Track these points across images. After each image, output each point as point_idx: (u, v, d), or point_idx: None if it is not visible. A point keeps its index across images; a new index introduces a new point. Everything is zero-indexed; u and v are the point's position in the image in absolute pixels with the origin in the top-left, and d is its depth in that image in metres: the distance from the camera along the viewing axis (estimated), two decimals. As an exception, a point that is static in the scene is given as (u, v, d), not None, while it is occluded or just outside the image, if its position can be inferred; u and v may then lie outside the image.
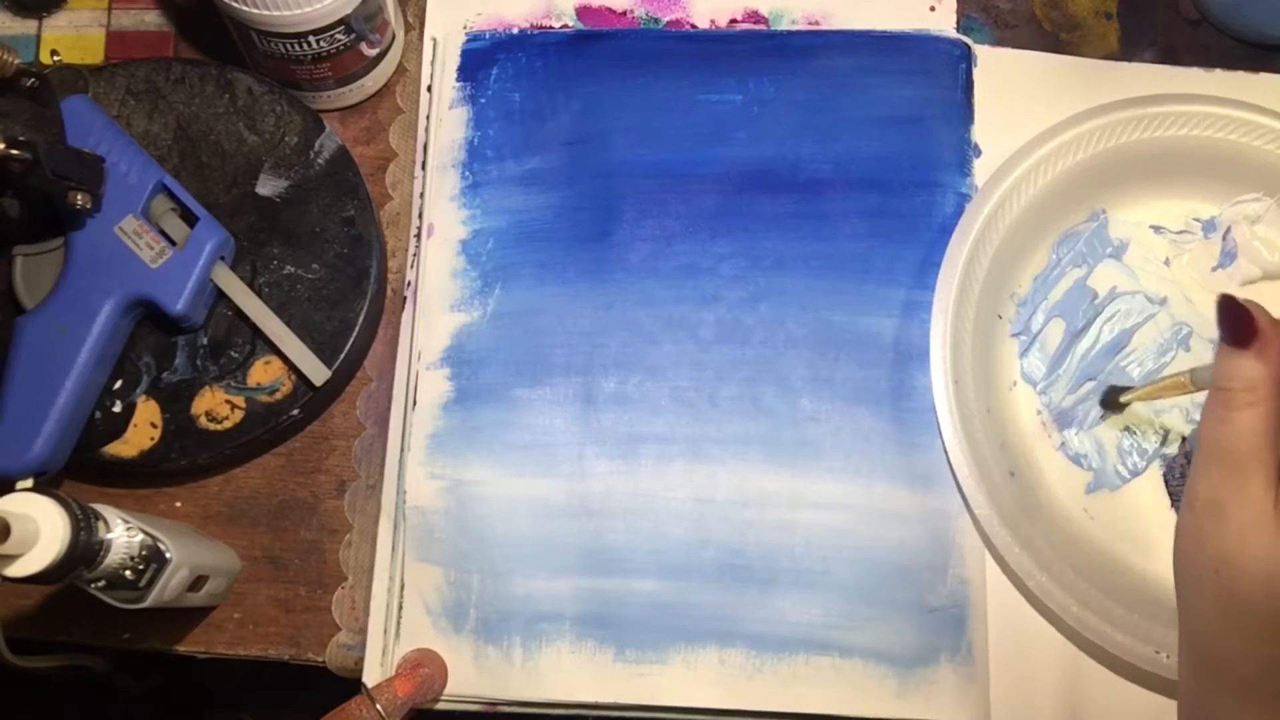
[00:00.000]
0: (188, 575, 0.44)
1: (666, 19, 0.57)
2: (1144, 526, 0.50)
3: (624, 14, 0.58)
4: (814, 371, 0.51)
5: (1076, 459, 0.51)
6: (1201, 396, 0.46)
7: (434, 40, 0.57)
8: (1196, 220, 0.53)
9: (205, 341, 0.51)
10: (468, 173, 0.54)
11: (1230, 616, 0.33)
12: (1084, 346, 0.52)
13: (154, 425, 0.50)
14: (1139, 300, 0.52)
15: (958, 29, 0.56)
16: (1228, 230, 0.52)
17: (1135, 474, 0.50)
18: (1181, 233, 0.53)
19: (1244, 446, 0.33)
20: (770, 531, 0.49)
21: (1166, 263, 0.53)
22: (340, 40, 0.51)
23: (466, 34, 0.57)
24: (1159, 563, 0.49)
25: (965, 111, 0.54)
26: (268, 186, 0.52)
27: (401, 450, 0.51)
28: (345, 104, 0.56)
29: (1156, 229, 0.53)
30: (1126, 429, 0.51)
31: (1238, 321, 0.34)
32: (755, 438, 0.51)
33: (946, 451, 0.49)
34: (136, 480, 0.52)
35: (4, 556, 0.37)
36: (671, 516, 0.50)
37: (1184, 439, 0.51)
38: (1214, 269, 0.53)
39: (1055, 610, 0.46)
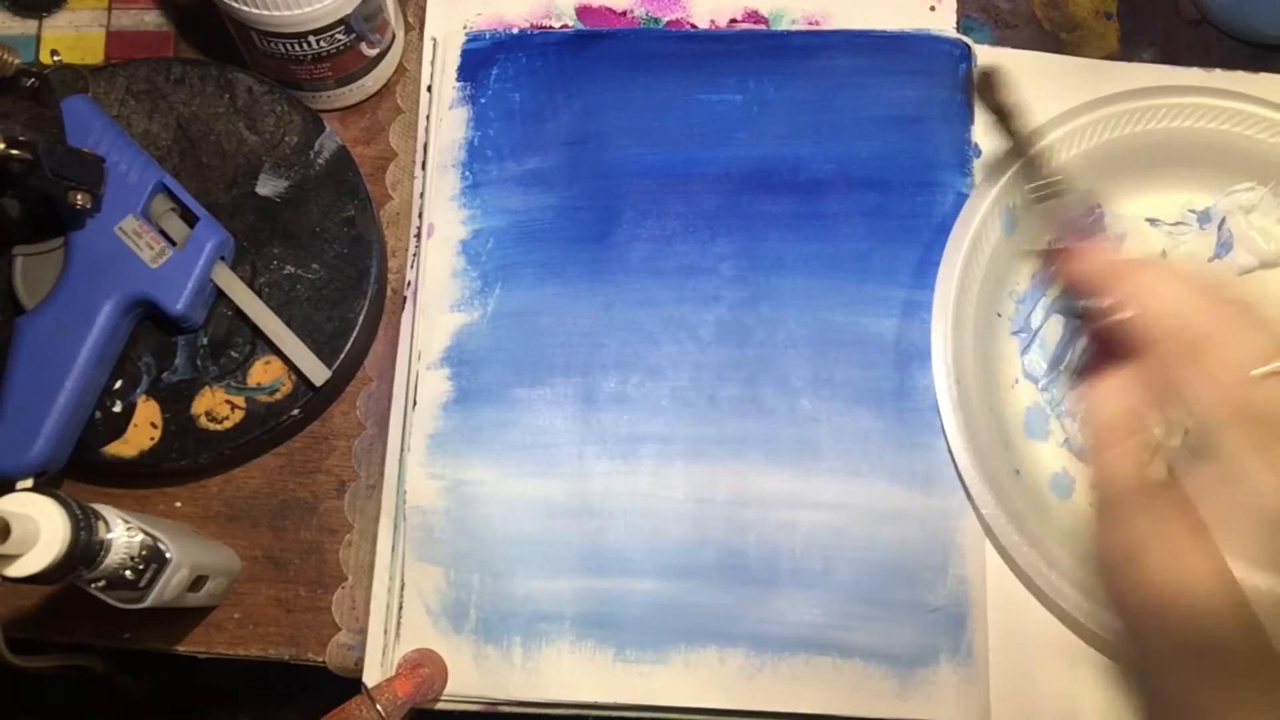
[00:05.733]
0: (188, 575, 0.44)
1: (666, 19, 0.57)
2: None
3: (624, 14, 0.58)
4: (814, 371, 0.51)
5: (1082, 455, 0.50)
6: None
7: (434, 40, 0.57)
8: (1192, 212, 0.53)
9: (205, 341, 0.51)
10: (468, 173, 0.54)
11: None
12: (1084, 342, 0.51)
13: (154, 425, 0.50)
14: (1137, 296, 0.52)
15: (958, 29, 0.56)
16: (1223, 221, 0.52)
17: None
18: (1177, 224, 0.53)
19: None
20: (770, 531, 0.49)
21: (1163, 255, 0.53)
22: (340, 40, 0.51)
23: (466, 34, 0.57)
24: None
25: (965, 111, 0.54)
26: (268, 186, 0.52)
27: (401, 450, 0.51)
28: (345, 104, 0.56)
29: (1152, 221, 0.53)
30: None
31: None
32: (755, 438, 0.51)
33: (951, 452, 0.49)
34: (136, 480, 0.52)
35: (4, 556, 0.37)
36: (671, 516, 0.50)
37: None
38: (1210, 260, 0.52)
39: (1068, 609, 0.46)
